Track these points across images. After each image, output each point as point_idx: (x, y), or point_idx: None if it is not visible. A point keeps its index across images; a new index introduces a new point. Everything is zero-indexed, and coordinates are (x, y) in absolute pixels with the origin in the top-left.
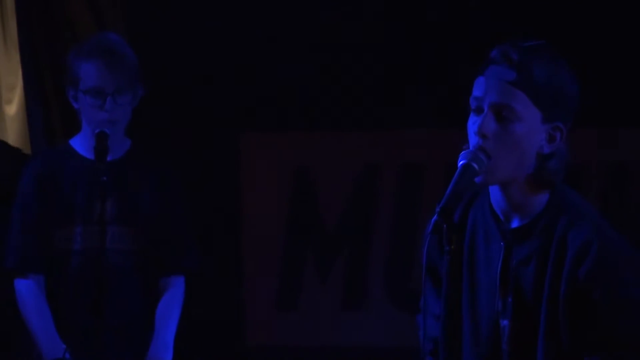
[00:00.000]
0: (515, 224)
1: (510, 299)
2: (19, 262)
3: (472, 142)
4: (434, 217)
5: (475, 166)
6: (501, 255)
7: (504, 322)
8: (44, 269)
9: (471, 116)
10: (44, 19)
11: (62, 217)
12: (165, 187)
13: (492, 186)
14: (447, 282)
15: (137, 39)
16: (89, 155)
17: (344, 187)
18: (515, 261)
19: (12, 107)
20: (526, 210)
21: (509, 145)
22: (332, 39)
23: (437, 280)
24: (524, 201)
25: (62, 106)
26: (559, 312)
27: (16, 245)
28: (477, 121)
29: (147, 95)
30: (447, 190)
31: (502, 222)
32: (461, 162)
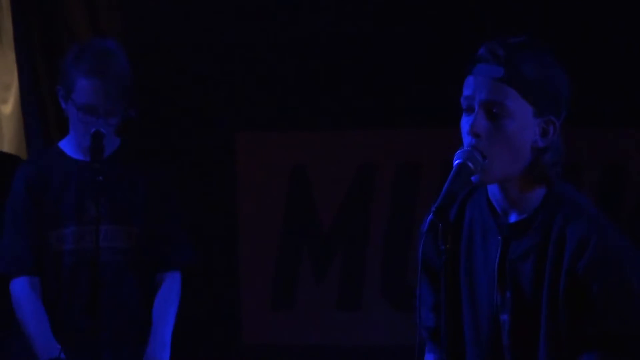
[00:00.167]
0: (513, 219)
1: (508, 294)
2: (13, 265)
3: (466, 141)
4: (430, 216)
5: (470, 165)
6: (499, 249)
7: (503, 317)
8: (39, 270)
9: (463, 116)
10: (39, 18)
11: (53, 218)
12: (156, 183)
13: None
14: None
15: (132, 38)
16: (78, 156)
17: (339, 187)
18: (513, 256)
19: (8, 107)
20: (524, 205)
21: (502, 142)
22: (329, 38)
23: (433, 275)
24: (521, 196)
25: (58, 105)
26: (559, 307)
27: (10, 247)
28: (469, 121)
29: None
30: (443, 189)
31: (500, 216)
32: (457, 162)
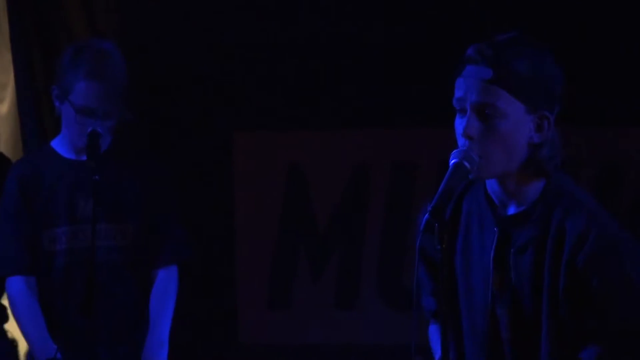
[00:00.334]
0: (511, 211)
1: (505, 287)
2: (8, 265)
3: (460, 143)
4: (426, 215)
5: (466, 165)
6: (495, 241)
7: (500, 310)
8: (34, 270)
9: (457, 117)
10: (36, 17)
11: (45, 218)
12: (149, 179)
13: None
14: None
15: (129, 38)
16: (70, 155)
17: (336, 186)
18: (511, 249)
19: (4, 106)
20: (522, 197)
21: (496, 142)
22: (326, 38)
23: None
24: (519, 189)
25: (54, 105)
26: (559, 300)
27: (4, 247)
28: (463, 122)
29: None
30: (439, 188)
31: (498, 208)
32: (453, 161)
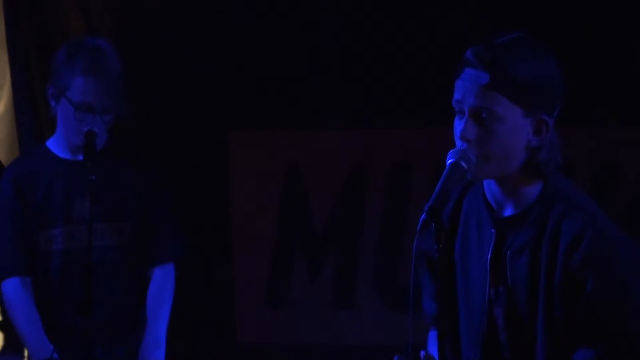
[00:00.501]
0: (508, 213)
1: (502, 288)
2: (3, 265)
3: (458, 144)
4: (423, 215)
5: (463, 165)
6: (492, 242)
7: (497, 310)
8: (30, 270)
9: (456, 118)
10: (32, 17)
11: (41, 218)
12: (144, 177)
13: None
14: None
15: (125, 38)
16: (66, 155)
17: (333, 186)
18: (508, 251)
19: (0, 106)
20: (519, 199)
21: (494, 145)
22: (322, 38)
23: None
24: (517, 191)
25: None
26: (554, 302)
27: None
28: (461, 124)
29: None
30: (436, 188)
31: (496, 209)
32: (449, 161)
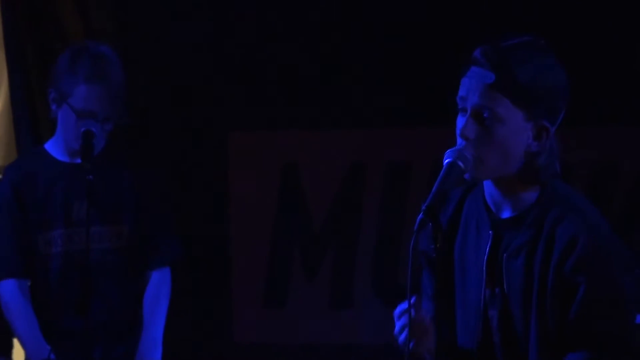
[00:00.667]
0: (505, 215)
1: (497, 290)
2: (1, 267)
3: (458, 141)
4: (420, 215)
5: (461, 164)
6: (488, 244)
7: (492, 312)
8: (27, 273)
9: (459, 115)
10: (30, 16)
11: (40, 221)
12: (142, 179)
13: None
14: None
15: (124, 38)
16: (64, 158)
17: (331, 185)
18: (504, 253)
19: None
20: (517, 201)
21: (492, 146)
22: (319, 38)
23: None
24: (515, 194)
25: (48, 105)
26: (547, 305)
27: None
28: (463, 122)
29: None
30: (433, 188)
31: (494, 212)
32: (447, 161)
